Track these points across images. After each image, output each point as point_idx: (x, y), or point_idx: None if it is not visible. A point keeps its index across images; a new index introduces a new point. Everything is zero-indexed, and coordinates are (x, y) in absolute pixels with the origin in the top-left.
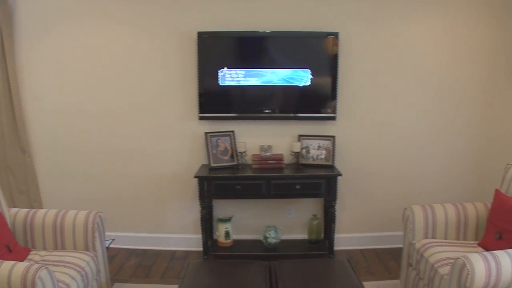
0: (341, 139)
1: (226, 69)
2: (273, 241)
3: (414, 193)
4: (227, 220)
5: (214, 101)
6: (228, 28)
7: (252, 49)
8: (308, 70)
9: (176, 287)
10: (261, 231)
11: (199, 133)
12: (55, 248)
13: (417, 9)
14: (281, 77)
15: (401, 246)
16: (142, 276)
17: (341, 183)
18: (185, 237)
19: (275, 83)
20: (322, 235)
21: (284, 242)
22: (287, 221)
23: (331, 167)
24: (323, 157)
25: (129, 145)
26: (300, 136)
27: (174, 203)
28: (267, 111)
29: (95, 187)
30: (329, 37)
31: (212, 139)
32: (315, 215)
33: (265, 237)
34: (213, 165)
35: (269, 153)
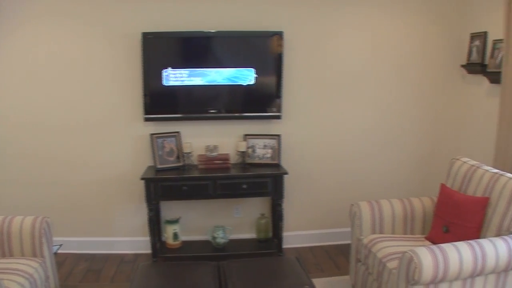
0: (287, 138)
1: (170, 69)
2: (222, 241)
3: (361, 189)
4: (175, 221)
5: (159, 102)
6: (173, 28)
7: (196, 49)
8: (252, 69)
9: None
10: (209, 231)
11: (144, 134)
12: (3, 255)
13: (361, 10)
14: (225, 76)
15: (349, 242)
16: (91, 281)
17: (288, 182)
18: (134, 240)
19: (219, 82)
20: (270, 234)
21: (233, 241)
22: (235, 221)
23: (277, 166)
24: (269, 156)
25: (75, 150)
26: (245, 135)
27: (121, 206)
28: (213, 111)
29: (41, 193)
30: (274, 36)
31: (157, 140)
32: (263, 214)
33: (214, 238)
34: (159, 166)
35: (215, 153)
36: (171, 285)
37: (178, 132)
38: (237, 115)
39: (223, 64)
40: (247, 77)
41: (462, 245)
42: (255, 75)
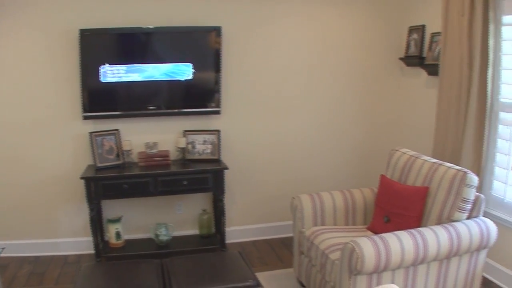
0: (227, 133)
1: (107, 65)
2: (165, 238)
3: (303, 182)
4: (117, 220)
5: (97, 99)
6: (111, 24)
7: (134, 45)
8: (189, 64)
9: None
10: (151, 229)
11: (84, 133)
12: None
13: (300, 5)
14: (162, 71)
15: (292, 235)
16: (35, 284)
17: (229, 177)
18: (77, 241)
19: (157, 78)
20: (213, 229)
21: (176, 238)
22: (178, 218)
23: (218, 161)
24: (209, 151)
25: (13, 150)
26: (185, 131)
27: (63, 207)
28: (152, 108)
29: None
30: (212, 31)
31: (97, 138)
32: (204, 210)
33: (157, 235)
34: (99, 165)
35: (155, 150)
36: (114, 285)
37: (117, 129)
38: (176, 111)
39: (160, 59)
40: (184, 72)
41: (403, 234)
42: (193, 70)
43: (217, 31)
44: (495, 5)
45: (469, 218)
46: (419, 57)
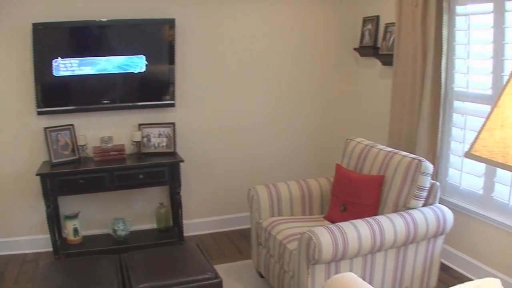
0: (182, 125)
1: (60, 59)
2: (123, 233)
3: (259, 173)
4: (74, 216)
5: (51, 94)
6: (65, 18)
7: (87, 38)
8: (142, 56)
9: None
10: (109, 224)
11: (38, 128)
12: None
13: None
14: (115, 64)
15: (250, 226)
16: None
17: (186, 169)
18: (35, 238)
19: (110, 70)
20: (171, 223)
21: (134, 233)
22: (135, 212)
23: (173, 154)
24: (164, 144)
25: None
26: (140, 125)
27: (19, 204)
28: (106, 102)
29: None
30: (165, 23)
31: (51, 134)
32: (161, 203)
33: (114, 230)
34: (54, 161)
35: (110, 145)
36: (73, 282)
37: (72, 124)
38: (130, 104)
39: (113, 52)
40: (137, 64)
41: (360, 223)
42: (146, 63)
43: (171, 23)
44: None
45: (425, 205)
46: (374, 47)
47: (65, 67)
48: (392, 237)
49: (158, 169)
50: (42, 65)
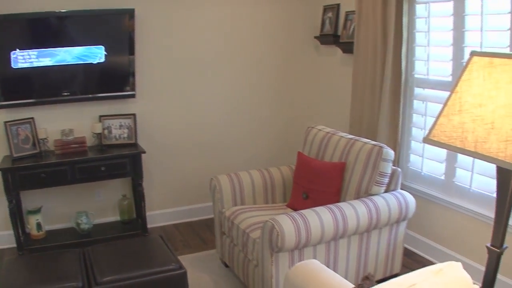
0: (143, 116)
1: (18, 50)
2: (86, 226)
3: (222, 163)
4: (37, 211)
5: (10, 87)
6: (22, 9)
7: (46, 29)
8: (101, 46)
9: None
10: (72, 218)
11: None
12: None
13: None
14: (74, 55)
15: (213, 216)
16: None
17: (147, 160)
18: None
19: (69, 61)
20: (134, 215)
21: (97, 226)
22: (98, 205)
23: (135, 145)
24: (125, 136)
25: None
26: (101, 116)
27: None
28: (66, 94)
29: None
30: (125, 13)
31: (12, 128)
32: (124, 195)
33: (78, 224)
34: (15, 155)
35: (71, 137)
36: (37, 277)
37: (32, 118)
38: (91, 96)
39: (72, 43)
40: (97, 55)
41: (322, 210)
42: (105, 53)
43: (130, 13)
44: None
45: (387, 191)
46: (334, 36)
47: (23, 59)
48: (354, 224)
49: (119, 161)
50: (0, 57)
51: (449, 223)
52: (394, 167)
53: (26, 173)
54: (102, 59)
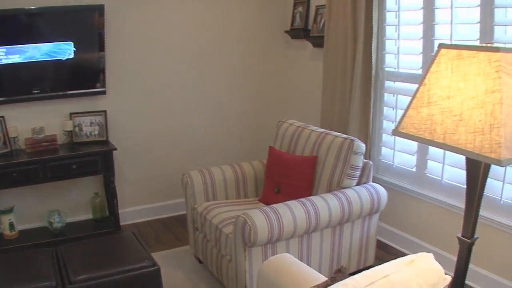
0: (114, 113)
1: None
2: (59, 225)
3: (194, 159)
4: (9, 211)
5: None
6: None
7: (14, 26)
8: (70, 42)
9: None
10: (45, 217)
11: None
12: None
13: None
14: (43, 51)
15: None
16: None
17: (119, 157)
18: None
19: (38, 58)
20: (107, 212)
21: (70, 225)
22: (71, 203)
23: (106, 142)
24: (96, 133)
25: None
26: (71, 114)
27: None
28: (36, 91)
29: None
30: (94, 9)
31: None
32: (96, 193)
33: (50, 223)
34: None
35: (41, 135)
36: (10, 277)
37: (2, 116)
38: (61, 93)
39: (41, 39)
40: (65, 51)
41: (294, 204)
42: (74, 49)
43: (100, 9)
44: None
45: (359, 184)
46: (304, 30)
47: None
48: (327, 217)
49: (91, 158)
50: None
51: (422, 214)
52: (365, 160)
53: None
54: (71, 55)
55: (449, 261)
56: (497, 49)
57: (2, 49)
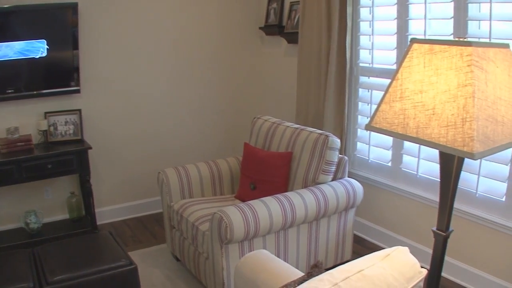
0: (89, 112)
1: None
2: (36, 226)
3: (170, 157)
4: None
5: None
6: None
7: None
8: (43, 40)
9: None
10: (21, 218)
11: None
12: None
13: None
14: (16, 50)
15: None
16: None
17: (95, 156)
18: None
19: (11, 57)
20: (83, 212)
21: (47, 225)
22: (47, 203)
23: (81, 141)
24: (71, 132)
25: None
26: (46, 113)
27: None
28: (10, 91)
29: None
30: (68, 7)
31: None
32: (72, 193)
33: (27, 223)
34: None
35: (16, 135)
36: None
37: None
38: (35, 92)
39: (14, 38)
40: (39, 49)
41: (270, 200)
42: (47, 47)
43: (73, 7)
44: None
45: (334, 179)
46: (279, 26)
47: None
48: (303, 213)
49: (66, 158)
50: None
51: (398, 209)
52: (340, 155)
53: None
54: (44, 54)
55: (426, 254)
56: (469, 44)
57: None
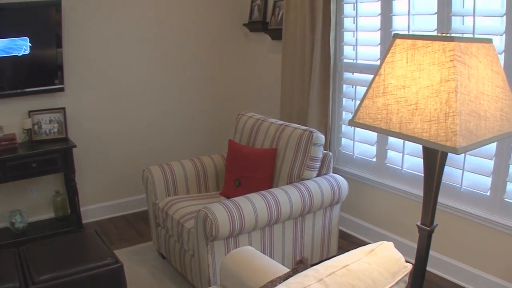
0: (73, 110)
1: None
2: (21, 225)
3: (155, 155)
4: None
5: None
6: None
7: None
8: (26, 38)
9: None
10: (6, 217)
11: None
12: None
13: None
14: None
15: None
16: None
17: (79, 155)
18: None
19: None
20: (69, 211)
21: (32, 224)
22: (32, 202)
23: (66, 140)
24: (56, 130)
25: None
26: (30, 111)
27: None
28: None
29: None
30: (51, 5)
31: None
32: (57, 191)
33: (12, 223)
34: None
35: (0, 135)
36: None
37: None
38: (19, 91)
39: None
40: (21, 47)
41: (255, 197)
42: (30, 44)
43: (57, 5)
44: None
45: (319, 175)
46: (263, 23)
47: None
48: (288, 209)
49: (50, 156)
50: None
51: (383, 204)
52: (325, 151)
53: None
54: (27, 51)
55: (410, 248)
56: (451, 39)
57: None
